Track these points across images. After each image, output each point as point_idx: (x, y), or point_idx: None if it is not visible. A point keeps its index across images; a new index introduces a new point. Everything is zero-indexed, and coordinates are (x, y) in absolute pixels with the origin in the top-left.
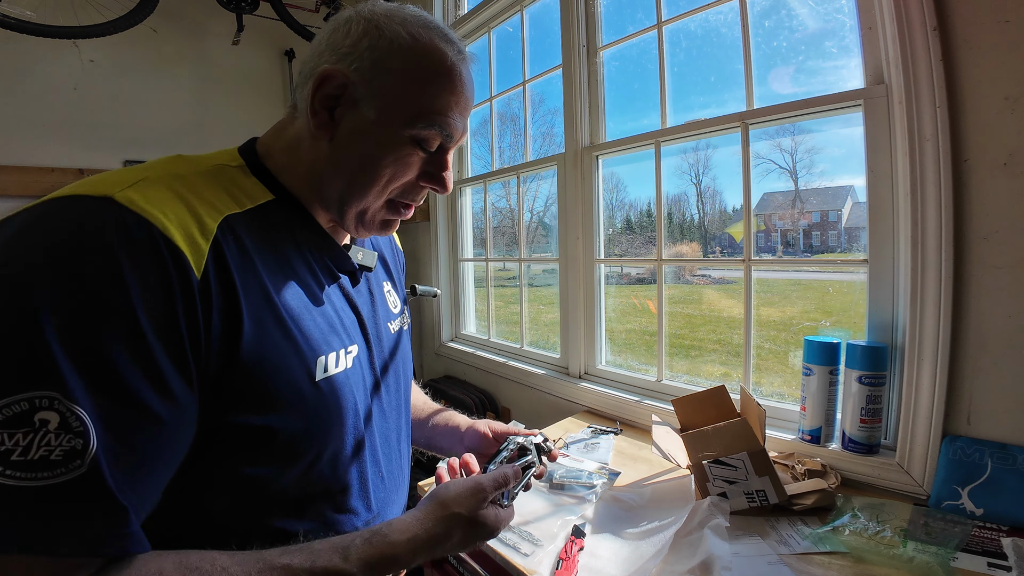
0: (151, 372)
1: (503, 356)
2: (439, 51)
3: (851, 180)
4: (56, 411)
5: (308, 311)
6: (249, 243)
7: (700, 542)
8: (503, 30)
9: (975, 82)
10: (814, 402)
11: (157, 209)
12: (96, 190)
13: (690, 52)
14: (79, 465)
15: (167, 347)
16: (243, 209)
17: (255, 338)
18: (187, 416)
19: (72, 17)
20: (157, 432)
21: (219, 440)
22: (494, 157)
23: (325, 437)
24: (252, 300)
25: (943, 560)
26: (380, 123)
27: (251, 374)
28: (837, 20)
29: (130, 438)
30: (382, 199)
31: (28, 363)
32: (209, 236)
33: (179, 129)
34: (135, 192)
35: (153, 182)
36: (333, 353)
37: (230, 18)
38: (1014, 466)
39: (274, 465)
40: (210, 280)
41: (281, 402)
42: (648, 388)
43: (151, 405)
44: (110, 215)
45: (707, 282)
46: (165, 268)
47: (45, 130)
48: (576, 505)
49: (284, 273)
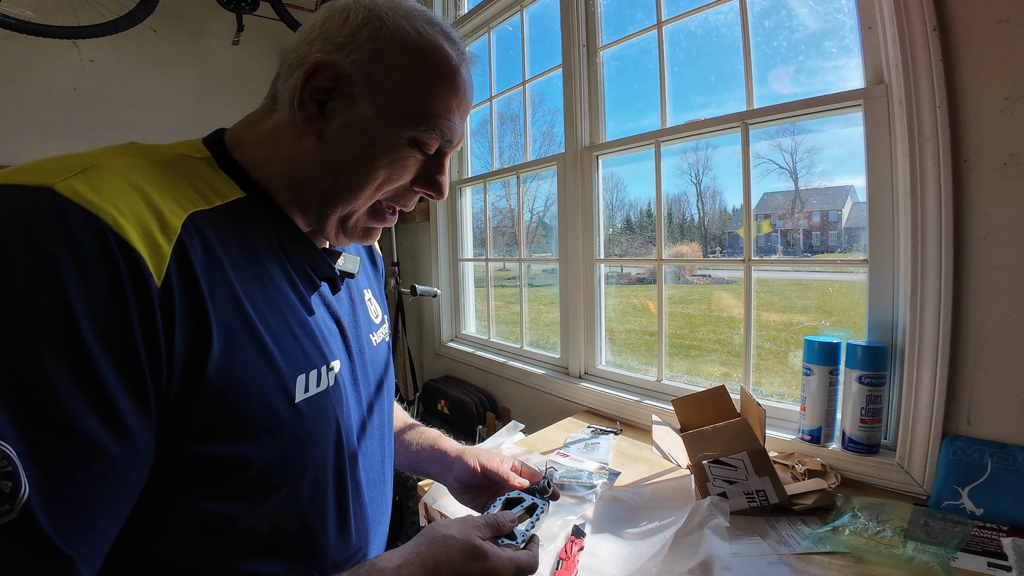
0: (97, 400)
1: (503, 356)
2: (443, 50)
3: (851, 180)
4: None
5: (286, 323)
6: (218, 245)
7: (700, 542)
8: (503, 30)
9: (975, 82)
10: (814, 402)
11: (108, 203)
12: (32, 178)
13: (690, 52)
14: (7, 511)
15: (118, 370)
16: (211, 206)
17: (225, 355)
18: (142, 449)
19: (72, 17)
20: (106, 469)
21: (179, 473)
22: (494, 157)
23: (303, 465)
24: (221, 311)
25: (943, 560)
26: (377, 121)
27: (220, 397)
28: (837, 20)
29: (72, 477)
30: (370, 203)
31: None
32: (172, 236)
33: (179, 129)
34: (80, 182)
35: (104, 170)
36: (315, 370)
37: (230, 18)
38: (1014, 466)
39: (245, 499)
40: (172, 288)
41: (254, 428)
42: (648, 388)
43: (97, 439)
44: (48, 208)
45: (707, 282)
46: (117, 274)
47: (45, 130)
48: (576, 505)
49: (258, 280)
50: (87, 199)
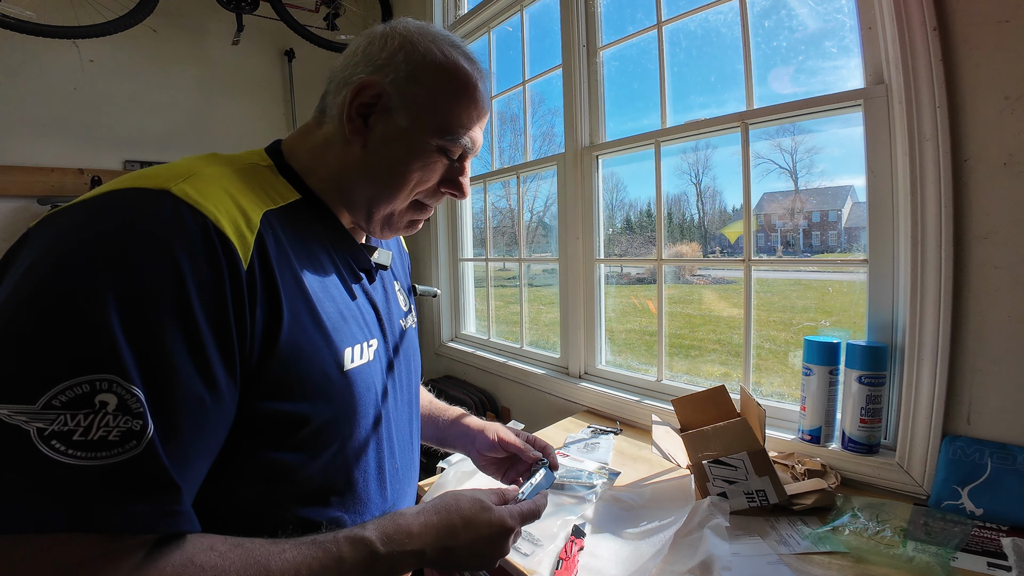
0: (201, 363)
1: (503, 356)
2: (465, 70)
3: (851, 180)
4: (115, 393)
5: (335, 304)
6: (284, 238)
7: (700, 542)
8: (503, 30)
9: (975, 82)
10: (814, 402)
11: (209, 202)
12: (153, 183)
13: (690, 52)
14: (135, 445)
15: (216, 336)
16: (277, 206)
17: (291, 329)
18: (228, 405)
19: (72, 17)
20: (202, 419)
21: (253, 427)
22: (494, 157)
23: (349, 426)
24: (289, 292)
25: (943, 560)
26: (411, 131)
27: (287, 363)
28: (837, 20)
29: (179, 422)
30: (407, 202)
31: (90, 348)
32: (254, 229)
33: (179, 129)
34: (189, 186)
35: (204, 176)
36: (358, 345)
37: (230, 18)
38: (1014, 466)
39: (303, 452)
40: (255, 271)
41: (313, 390)
42: (648, 388)
43: (199, 394)
44: (168, 207)
45: (707, 282)
46: (217, 258)
47: (45, 130)
48: (576, 505)
49: (313, 268)
50: (195, 200)
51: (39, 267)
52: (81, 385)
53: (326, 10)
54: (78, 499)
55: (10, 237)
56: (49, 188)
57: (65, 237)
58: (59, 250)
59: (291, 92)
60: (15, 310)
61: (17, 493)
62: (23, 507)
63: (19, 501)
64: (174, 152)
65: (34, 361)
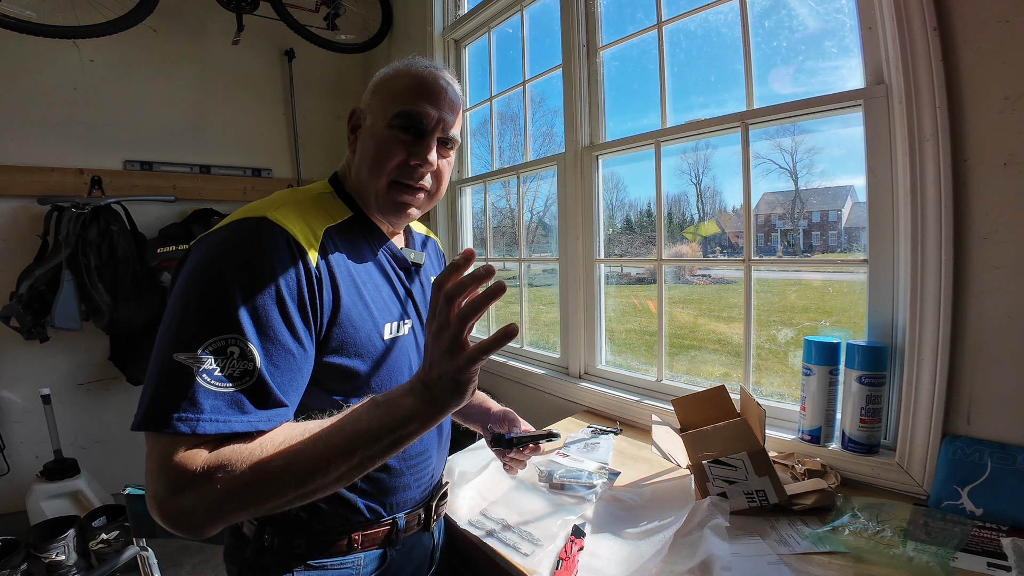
0: (291, 328)
1: (503, 356)
2: (408, 67)
3: (851, 180)
4: (238, 346)
5: (378, 291)
6: (341, 245)
7: (700, 542)
8: (503, 30)
9: (975, 82)
10: (814, 402)
11: (290, 224)
12: (257, 213)
13: (690, 52)
14: (251, 379)
15: (299, 311)
16: (335, 223)
17: (346, 308)
18: (309, 357)
19: (72, 17)
20: (293, 365)
21: (322, 374)
22: (494, 157)
23: (389, 382)
24: (344, 282)
25: (943, 560)
26: (373, 125)
27: (344, 331)
28: (837, 20)
29: (280, 365)
30: (384, 181)
31: (224, 318)
32: (318, 241)
33: (179, 129)
34: (278, 214)
35: (285, 205)
36: (396, 322)
37: (230, 18)
38: (1014, 466)
39: (355, 398)
40: (321, 269)
41: (362, 351)
42: (648, 388)
43: (291, 348)
44: (266, 227)
45: (707, 282)
46: (296, 261)
47: (45, 130)
48: (576, 505)
49: (362, 265)
50: (282, 222)
51: (199, 267)
52: (220, 340)
53: (326, 10)
54: (219, 410)
55: (10, 237)
56: (49, 188)
57: (211, 250)
58: (208, 258)
59: (291, 92)
60: (187, 293)
61: (183, 407)
62: (190, 415)
63: (185, 412)
64: (174, 152)
65: (197, 325)
